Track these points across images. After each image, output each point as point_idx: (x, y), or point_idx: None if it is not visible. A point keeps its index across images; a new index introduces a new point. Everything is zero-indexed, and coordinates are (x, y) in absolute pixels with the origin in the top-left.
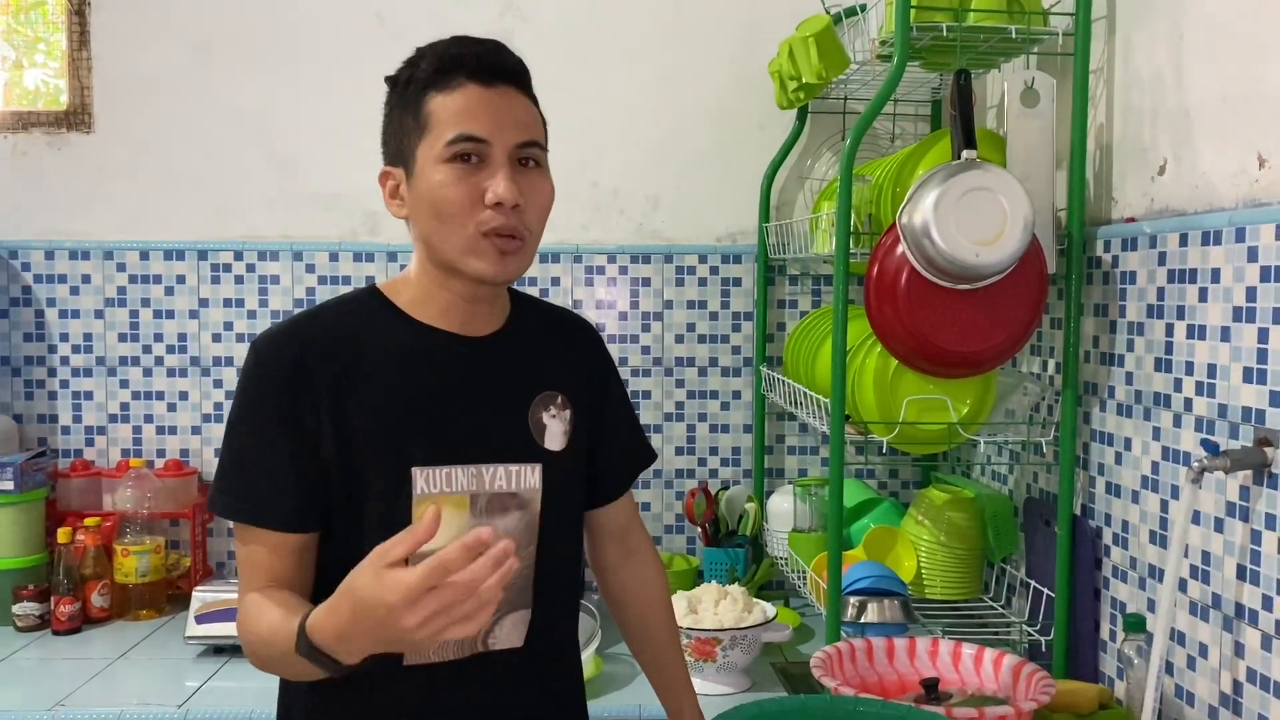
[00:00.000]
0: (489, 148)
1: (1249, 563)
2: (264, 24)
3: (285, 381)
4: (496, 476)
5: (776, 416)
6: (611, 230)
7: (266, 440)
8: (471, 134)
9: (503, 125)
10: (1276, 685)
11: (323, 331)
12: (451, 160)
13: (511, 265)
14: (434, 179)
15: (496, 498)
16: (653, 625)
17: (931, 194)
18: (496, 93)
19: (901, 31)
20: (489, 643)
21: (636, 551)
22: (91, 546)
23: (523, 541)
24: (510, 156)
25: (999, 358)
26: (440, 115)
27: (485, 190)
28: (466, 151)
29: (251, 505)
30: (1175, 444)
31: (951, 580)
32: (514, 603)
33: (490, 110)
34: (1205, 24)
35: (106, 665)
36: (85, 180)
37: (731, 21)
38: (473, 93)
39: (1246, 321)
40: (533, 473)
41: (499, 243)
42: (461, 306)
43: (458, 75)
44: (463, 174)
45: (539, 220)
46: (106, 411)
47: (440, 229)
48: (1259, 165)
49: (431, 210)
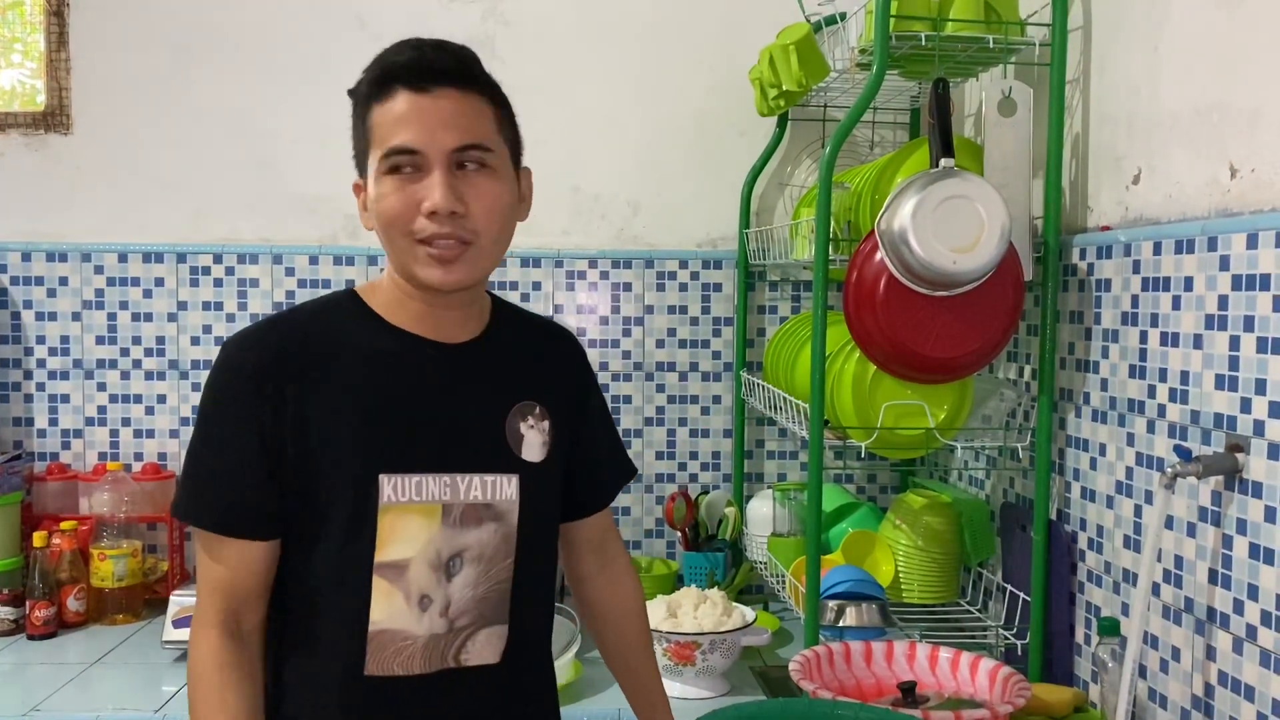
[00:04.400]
0: (422, 157)
1: (1220, 567)
2: (245, 27)
3: (249, 384)
4: (472, 487)
5: (756, 421)
6: (593, 235)
7: (230, 444)
8: (402, 145)
9: (435, 132)
10: (1247, 688)
11: (291, 333)
12: (390, 172)
13: (458, 271)
14: (379, 190)
15: (471, 508)
16: (629, 634)
17: (910, 201)
18: (429, 98)
19: (880, 40)
20: (461, 659)
21: (614, 561)
22: (67, 550)
23: (499, 555)
24: (447, 161)
25: (976, 364)
26: (379, 128)
27: (422, 199)
28: (400, 164)
29: (215, 512)
30: (1149, 450)
31: (929, 584)
32: (489, 618)
33: (422, 117)
34: (1179, 36)
35: (82, 670)
36: (63, 182)
37: (712, 28)
38: (405, 101)
39: (1219, 329)
40: (509, 484)
41: (437, 251)
42: (430, 314)
43: (394, 84)
44: (400, 184)
45: (489, 222)
46: (83, 414)
47: (388, 241)
48: (1230, 175)
49: (379, 222)
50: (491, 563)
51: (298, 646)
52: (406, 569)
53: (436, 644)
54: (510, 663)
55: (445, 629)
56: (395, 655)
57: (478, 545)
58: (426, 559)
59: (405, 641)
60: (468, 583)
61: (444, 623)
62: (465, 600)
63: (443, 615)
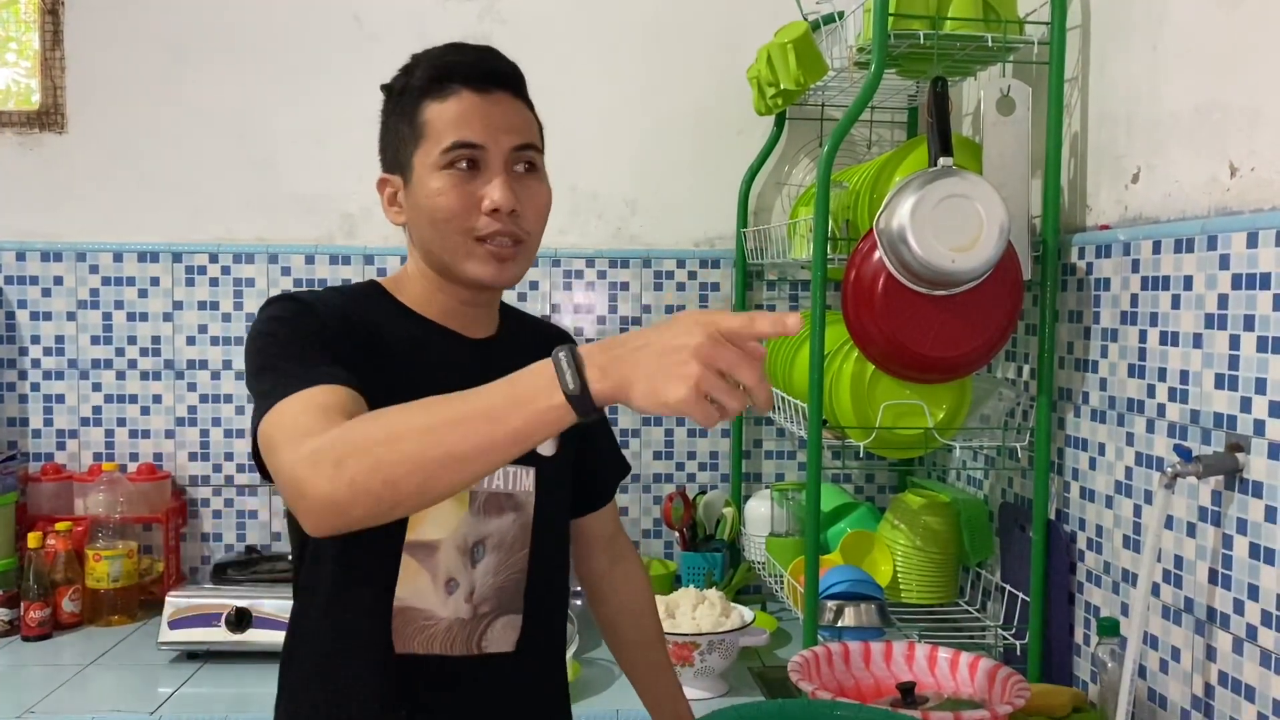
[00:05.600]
0: (484, 153)
1: (1221, 567)
2: (241, 25)
3: (335, 322)
4: (494, 476)
5: (754, 421)
6: (590, 234)
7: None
8: (467, 140)
9: (497, 131)
10: (1248, 688)
11: (348, 305)
12: (448, 167)
13: (510, 269)
14: (431, 186)
15: (493, 497)
16: (646, 629)
17: (908, 200)
18: (491, 99)
19: (879, 39)
20: (482, 645)
21: (624, 557)
22: (62, 551)
23: (516, 545)
24: (506, 162)
25: (975, 363)
26: (436, 123)
27: (482, 197)
28: (462, 158)
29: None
30: (1149, 449)
31: (927, 584)
32: (505, 607)
33: (485, 117)
34: (1178, 35)
35: (77, 671)
36: (58, 181)
37: (710, 27)
38: (467, 100)
39: (1219, 328)
40: (527, 475)
41: (495, 249)
42: (460, 309)
43: (452, 82)
44: (459, 181)
45: (537, 223)
46: (78, 415)
47: (438, 236)
48: (1230, 174)
49: (429, 218)
50: (510, 551)
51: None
52: (437, 550)
53: (461, 628)
54: (524, 652)
55: (470, 614)
56: (416, 634)
57: (498, 533)
58: (455, 543)
59: (427, 621)
60: (489, 570)
61: (469, 608)
62: (487, 588)
63: (468, 600)
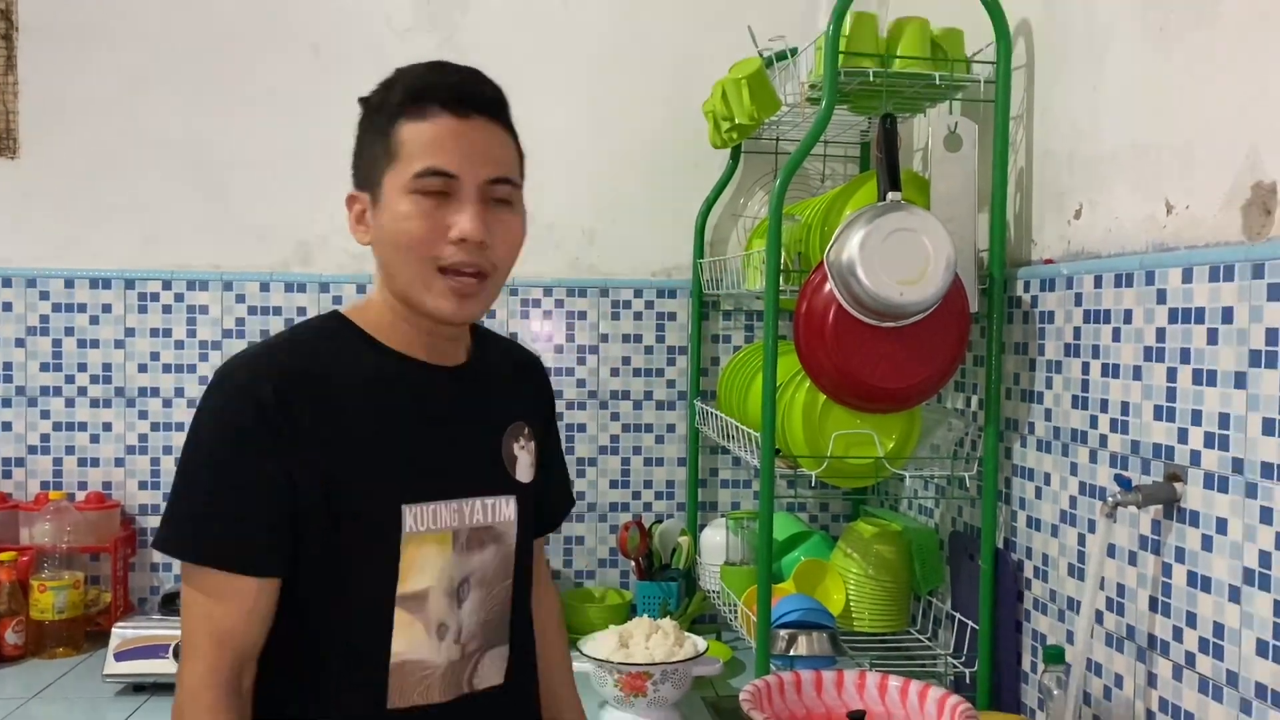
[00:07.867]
0: (457, 183)
1: (1160, 595)
2: (197, 53)
3: (265, 414)
4: (475, 511)
5: (710, 450)
6: (547, 263)
7: (240, 477)
8: (440, 168)
9: (474, 160)
10: (1187, 714)
11: (299, 361)
12: (418, 192)
13: (470, 306)
14: (399, 209)
15: (475, 533)
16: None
17: (858, 234)
18: (470, 124)
19: (830, 76)
20: (474, 683)
21: (541, 580)
22: (6, 582)
23: (498, 576)
24: (480, 192)
25: (924, 394)
26: (410, 145)
27: (450, 225)
28: (434, 186)
29: (221, 548)
30: (1092, 479)
31: (879, 613)
32: (492, 640)
33: (461, 143)
34: (1117, 76)
35: (19, 705)
36: (9, 206)
37: (667, 61)
38: (444, 123)
39: (1157, 361)
40: (508, 504)
41: (456, 284)
42: (427, 339)
43: (430, 104)
44: (429, 207)
45: (507, 257)
46: (26, 442)
47: (400, 261)
48: (1166, 211)
49: (393, 241)
50: (493, 584)
51: (310, 690)
52: (426, 599)
53: (453, 671)
54: (513, 681)
55: (459, 655)
56: (416, 685)
57: (481, 569)
58: (443, 587)
59: (425, 671)
60: (475, 607)
61: (458, 649)
62: (473, 625)
63: (456, 642)
